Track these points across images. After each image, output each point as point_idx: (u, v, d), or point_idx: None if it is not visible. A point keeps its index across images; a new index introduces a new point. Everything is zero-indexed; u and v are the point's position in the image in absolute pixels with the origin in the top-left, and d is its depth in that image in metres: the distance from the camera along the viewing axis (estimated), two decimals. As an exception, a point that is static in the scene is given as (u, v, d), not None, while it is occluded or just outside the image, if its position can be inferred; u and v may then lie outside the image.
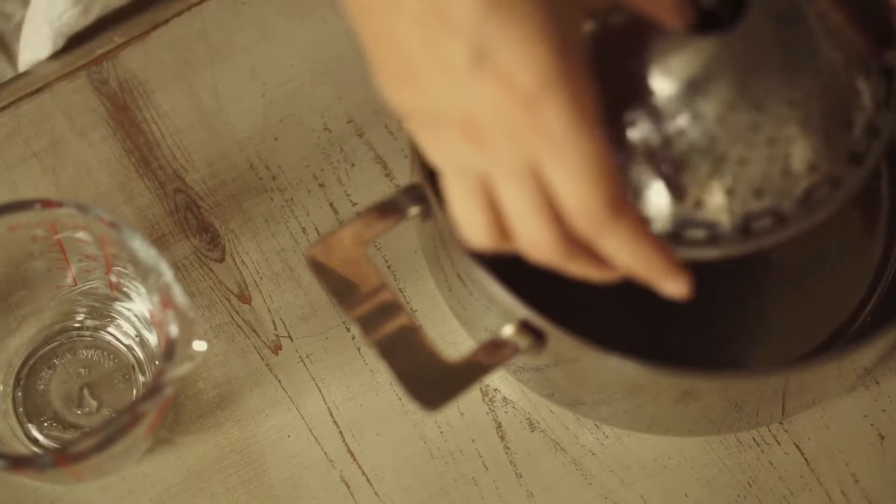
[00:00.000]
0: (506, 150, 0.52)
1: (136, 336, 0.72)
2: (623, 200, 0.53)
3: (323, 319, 0.74)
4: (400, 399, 0.73)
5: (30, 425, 0.71)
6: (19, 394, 0.72)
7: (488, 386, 0.73)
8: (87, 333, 0.72)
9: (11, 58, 0.95)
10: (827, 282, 0.73)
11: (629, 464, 0.72)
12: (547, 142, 0.51)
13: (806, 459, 0.72)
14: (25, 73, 0.77)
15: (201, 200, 0.75)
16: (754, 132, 0.57)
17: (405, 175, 0.76)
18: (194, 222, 0.75)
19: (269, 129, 0.77)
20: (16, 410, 0.71)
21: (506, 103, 0.51)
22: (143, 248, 0.64)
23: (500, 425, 0.72)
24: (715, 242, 0.59)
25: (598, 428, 0.72)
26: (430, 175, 0.63)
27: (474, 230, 0.55)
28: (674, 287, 0.56)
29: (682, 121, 0.57)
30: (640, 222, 0.54)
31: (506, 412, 0.73)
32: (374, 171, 0.76)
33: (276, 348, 0.74)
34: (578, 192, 0.52)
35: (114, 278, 0.69)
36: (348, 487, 0.72)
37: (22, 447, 0.71)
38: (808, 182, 0.59)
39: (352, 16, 0.54)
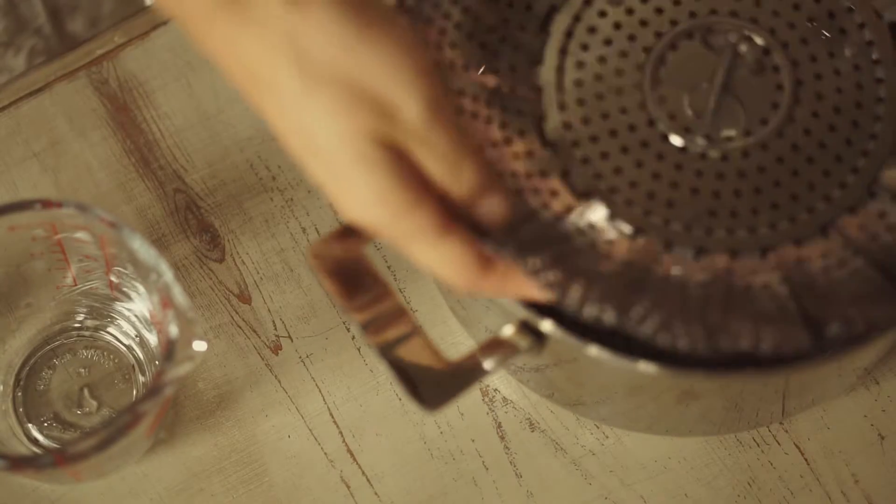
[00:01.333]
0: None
1: (136, 336, 0.72)
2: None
3: (323, 320, 0.74)
4: (400, 399, 0.73)
5: (30, 425, 0.71)
6: (19, 394, 0.72)
7: (488, 386, 0.73)
8: (87, 333, 0.72)
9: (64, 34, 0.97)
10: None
11: (629, 464, 0.72)
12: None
13: (806, 459, 0.72)
14: (25, 73, 0.77)
15: (201, 200, 0.75)
16: None
17: (405, 175, 0.76)
18: (194, 222, 0.75)
19: (269, 130, 0.76)
20: (16, 410, 0.71)
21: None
22: (143, 249, 0.64)
23: (500, 425, 0.72)
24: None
25: (598, 428, 0.72)
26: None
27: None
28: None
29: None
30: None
31: (506, 412, 0.73)
32: (374, 172, 0.76)
33: (276, 348, 0.73)
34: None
35: (114, 278, 0.69)
36: (348, 487, 0.72)
37: (22, 447, 0.71)
38: None
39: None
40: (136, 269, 0.66)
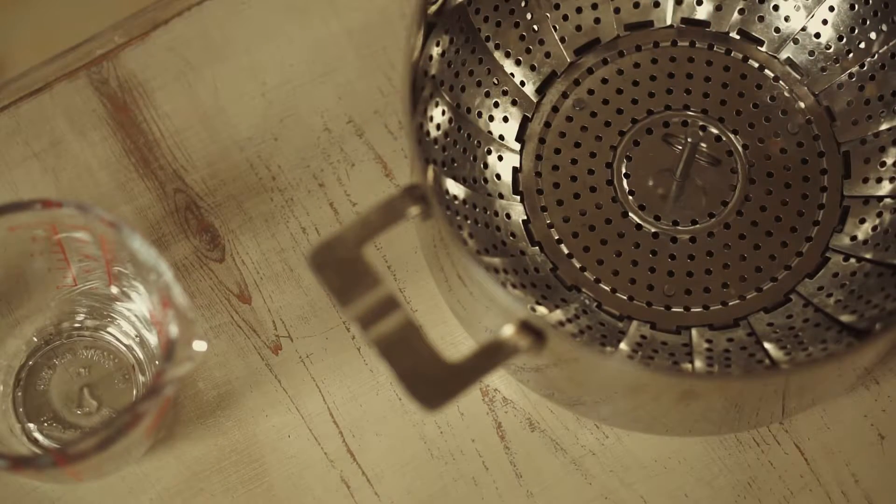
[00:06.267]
0: None
1: (136, 336, 0.72)
2: None
3: (323, 320, 0.74)
4: (400, 399, 0.73)
5: (30, 425, 0.71)
6: (19, 394, 0.72)
7: (488, 386, 0.73)
8: (87, 333, 0.72)
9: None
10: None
11: (629, 464, 0.72)
12: None
13: (806, 459, 0.72)
14: (25, 73, 0.77)
15: (201, 200, 0.75)
16: None
17: (405, 175, 0.76)
18: (194, 222, 0.75)
19: (269, 129, 0.77)
20: (16, 410, 0.72)
21: None
22: (143, 249, 0.64)
23: (500, 425, 0.72)
24: None
25: (598, 428, 0.72)
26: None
27: None
28: None
29: None
30: None
31: (506, 412, 0.73)
32: (374, 172, 0.76)
33: (276, 348, 0.74)
34: None
35: (114, 279, 0.69)
36: (348, 487, 0.72)
37: (22, 447, 0.71)
38: None
39: None
40: (136, 268, 0.66)
